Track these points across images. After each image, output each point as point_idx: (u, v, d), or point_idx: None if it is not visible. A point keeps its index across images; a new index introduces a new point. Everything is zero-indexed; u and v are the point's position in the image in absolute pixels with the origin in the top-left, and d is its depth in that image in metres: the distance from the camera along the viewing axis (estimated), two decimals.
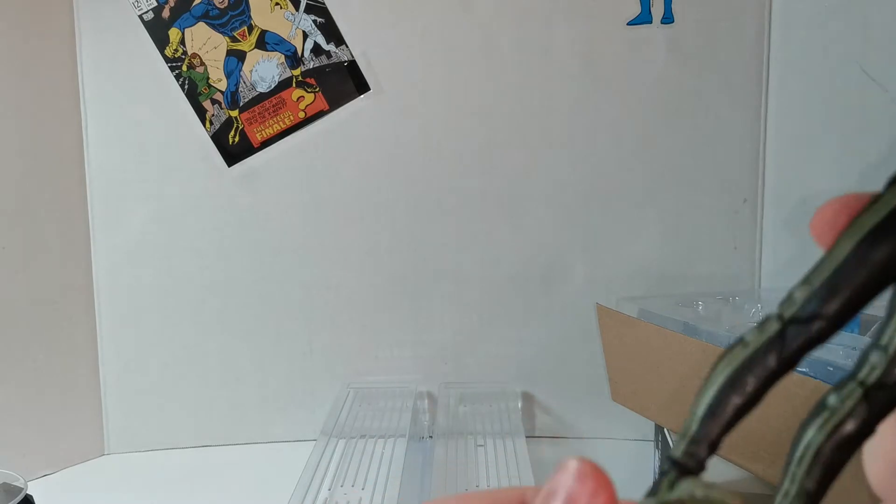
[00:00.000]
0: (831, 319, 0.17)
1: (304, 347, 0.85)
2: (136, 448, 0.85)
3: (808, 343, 0.17)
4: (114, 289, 0.83)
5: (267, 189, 0.83)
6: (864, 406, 0.16)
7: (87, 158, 0.81)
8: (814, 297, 0.17)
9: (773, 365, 0.17)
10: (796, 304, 0.17)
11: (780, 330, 0.17)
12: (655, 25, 0.79)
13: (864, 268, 0.16)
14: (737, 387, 0.17)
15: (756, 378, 0.17)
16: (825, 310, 0.17)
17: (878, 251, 0.16)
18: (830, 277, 0.17)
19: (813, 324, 0.17)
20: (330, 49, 0.80)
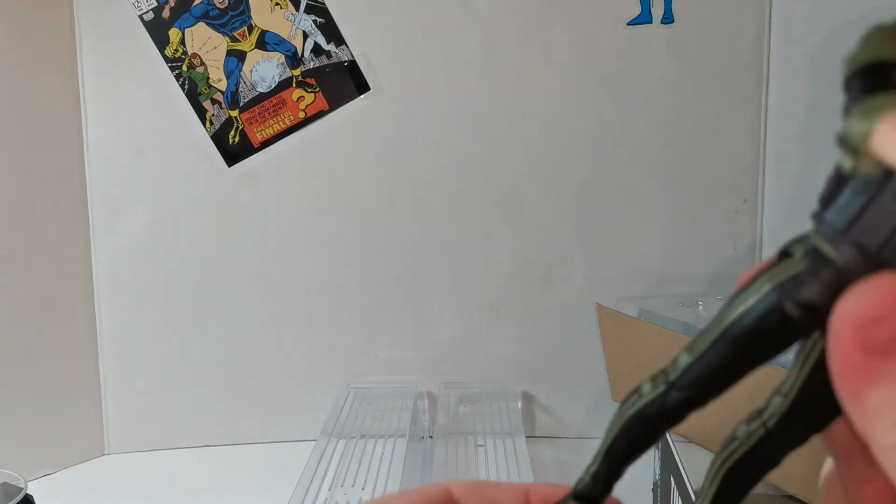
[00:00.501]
0: (706, 390, 0.18)
1: (304, 347, 0.85)
2: (136, 448, 0.85)
3: (687, 405, 0.18)
4: (114, 289, 0.83)
5: (267, 189, 0.83)
6: (768, 443, 0.18)
7: (87, 158, 0.81)
8: (692, 367, 0.18)
9: (655, 421, 0.19)
10: (679, 370, 0.19)
11: (664, 392, 0.19)
12: (655, 25, 0.79)
13: (731, 344, 0.18)
14: (628, 434, 0.19)
15: (643, 428, 0.19)
16: (701, 380, 0.18)
17: (742, 329, 0.18)
18: (707, 350, 0.18)
19: (690, 391, 0.18)
20: (330, 49, 0.80)
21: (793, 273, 0.18)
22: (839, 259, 0.17)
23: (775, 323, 0.18)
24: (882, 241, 0.16)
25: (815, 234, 0.18)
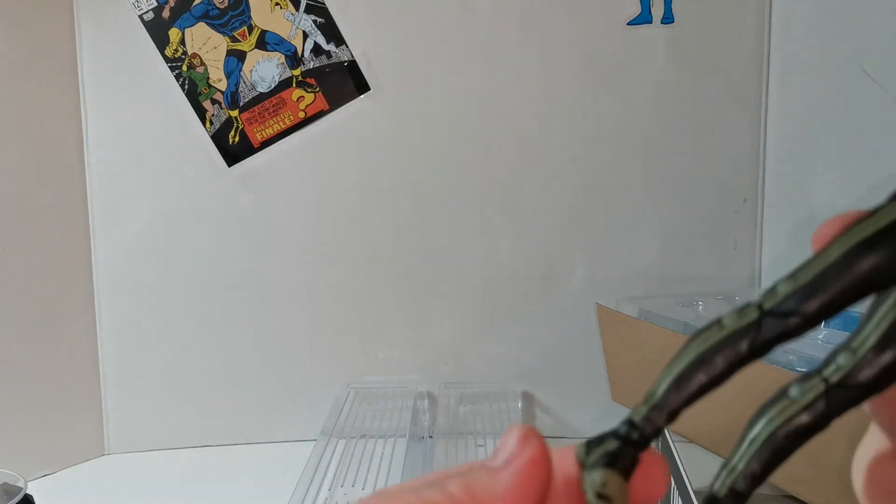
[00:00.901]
0: (808, 317, 0.17)
1: (304, 347, 0.85)
2: (136, 448, 0.85)
3: (781, 335, 0.17)
4: (114, 289, 0.83)
5: (267, 189, 0.83)
6: (823, 402, 0.17)
7: (87, 158, 0.81)
8: (795, 294, 0.18)
9: (744, 350, 0.17)
10: (778, 298, 0.18)
11: (758, 319, 0.17)
12: (655, 25, 0.79)
13: (850, 274, 0.17)
14: (705, 365, 0.18)
15: (725, 360, 0.17)
16: (804, 308, 0.17)
17: (866, 260, 0.17)
18: (816, 278, 0.17)
19: (790, 318, 0.17)
20: (330, 49, 0.80)
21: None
22: None
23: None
24: None
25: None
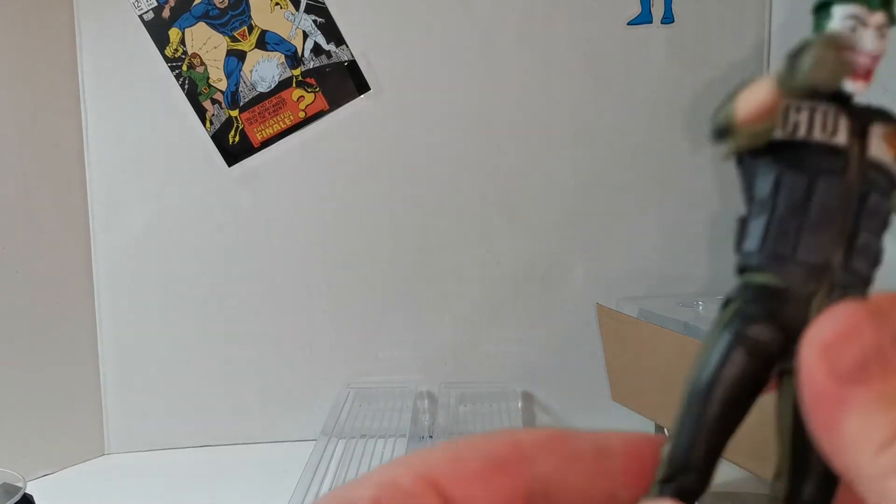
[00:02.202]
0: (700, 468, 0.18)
1: (304, 347, 0.85)
2: (136, 448, 0.85)
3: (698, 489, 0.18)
4: (114, 289, 0.83)
5: (267, 189, 0.83)
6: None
7: (87, 158, 0.81)
8: (678, 451, 0.18)
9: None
10: (664, 465, 0.18)
11: (659, 490, 0.18)
12: (655, 25, 0.79)
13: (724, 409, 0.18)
14: None
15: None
16: (695, 462, 0.18)
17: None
18: (689, 429, 0.18)
19: (691, 473, 0.18)
20: (330, 49, 0.80)
21: (736, 309, 0.18)
22: (772, 280, 0.18)
23: (744, 360, 0.18)
24: (791, 245, 0.18)
25: (743, 274, 0.19)
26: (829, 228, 0.18)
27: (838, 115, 0.19)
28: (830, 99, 0.19)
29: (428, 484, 0.18)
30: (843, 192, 0.18)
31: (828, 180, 0.18)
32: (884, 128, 0.19)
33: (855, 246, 0.18)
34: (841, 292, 0.18)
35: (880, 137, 0.19)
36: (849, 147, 0.19)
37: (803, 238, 0.18)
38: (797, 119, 0.19)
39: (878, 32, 0.19)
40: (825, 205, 0.18)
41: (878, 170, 0.19)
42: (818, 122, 0.19)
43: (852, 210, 0.18)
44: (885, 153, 0.19)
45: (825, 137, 0.19)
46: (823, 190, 0.18)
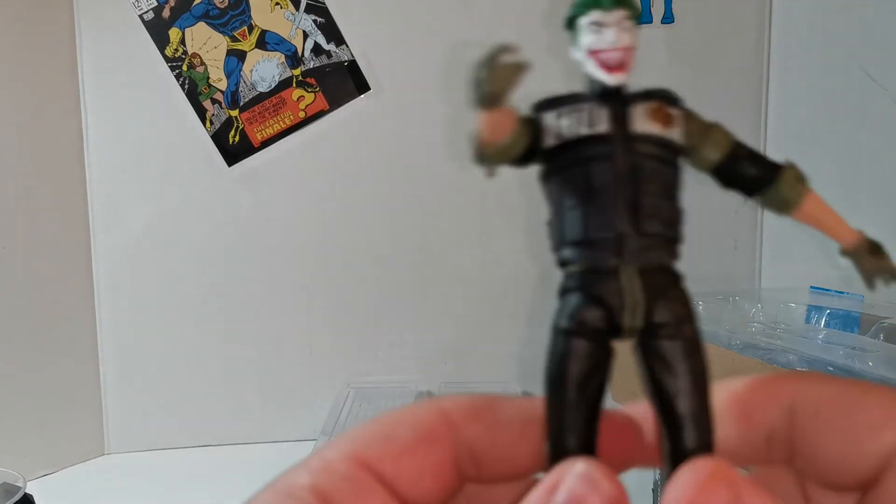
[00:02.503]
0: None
1: (304, 347, 0.85)
2: (136, 448, 0.85)
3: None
4: (114, 289, 0.83)
5: (267, 189, 0.83)
6: None
7: (87, 158, 0.81)
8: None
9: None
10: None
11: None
12: (655, 25, 0.79)
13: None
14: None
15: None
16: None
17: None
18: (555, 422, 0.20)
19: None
20: (330, 49, 0.80)
21: (561, 301, 0.21)
22: (580, 266, 0.21)
23: (579, 345, 0.20)
24: (583, 230, 0.20)
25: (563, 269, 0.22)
26: (611, 205, 0.20)
27: (598, 108, 0.21)
28: (602, 95, 0.21)
29: (360, 465, 0.19)
30: (616, 170, 0.20)
31: (599, 164, 0.21)
32: (646, 105, 0.21)
33: (641, 212, 0.20)
34: (647, 256, 0.20)
35: (643, 115, 0.21)
36: (611, 131, 0.21)
37: (591, 220, 0.20)
38: (563, 123, 0.21)
39: (619, 27, 0.21)
40: (602, 185, 0.20)
41: (647, 141, 0.21)
42: (582, 121, 0.21)
43: (630, 182, 0.20)
44: (651, 126, 0.21)
45: (589, 130, 0.21)
46: (597, 173, 0.20)
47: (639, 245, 0.20)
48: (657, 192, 0.21)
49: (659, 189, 0.21)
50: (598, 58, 0.22)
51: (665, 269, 0.21)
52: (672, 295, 0.21)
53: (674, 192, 0.22)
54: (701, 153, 0.23)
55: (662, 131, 0.21)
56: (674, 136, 0.22)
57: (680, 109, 0.22)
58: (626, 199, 0.20)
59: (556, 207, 0.22)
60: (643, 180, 0.21)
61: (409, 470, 0.19)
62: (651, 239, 0.20)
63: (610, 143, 0.21)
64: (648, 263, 0.20)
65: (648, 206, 0.21)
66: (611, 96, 0.21)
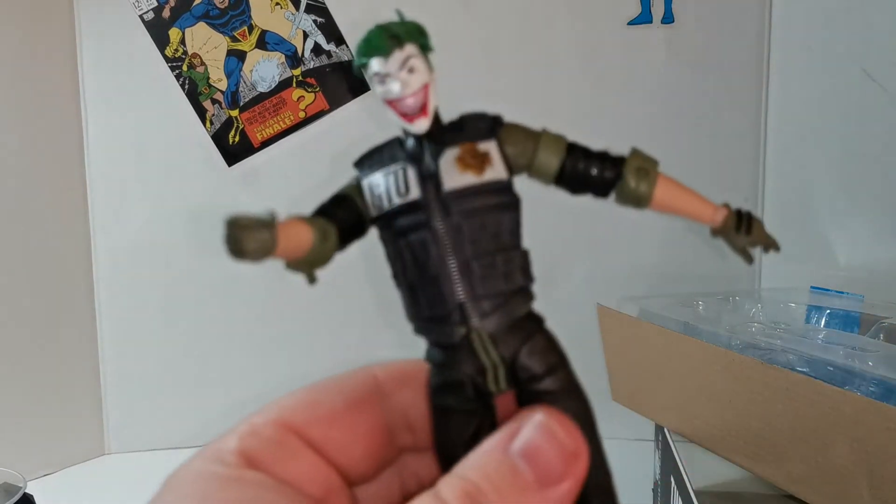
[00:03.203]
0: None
1: (304, 347, 0.85)
2: (136, 448, 0.85)
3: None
4: (114, 289, 0.83)
5: (267, 189, 0.82)
6: None
7: (87, 158, 0.81)
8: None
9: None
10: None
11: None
12: (655, 25, 0.79)
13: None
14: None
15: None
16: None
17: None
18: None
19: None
20: (330, 49, 0.80)
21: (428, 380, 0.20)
22: (432, 342, 0.20)
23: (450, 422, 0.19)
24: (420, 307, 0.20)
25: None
26: (441, 277, 0.19)
27: (407, 169, 0.20)
28: (415, 143, 0.20)
29: (287, 429, 0.19)
30: (436, 239, 0.19)
31: (419, 234, 0.19)
32: (455, 150, 0.20)
33: (474, 276, 0.19)
34: (495, 318, 0.19)
35: (452, 163, 0.19)
36: (423, 196, 0.19)
37: (428, 296, 0.19)
38: (379, 192, 0.20)
39: (405, 70, 0.20)
40: (427, 257, 0.19)
41: (464, 195, 0.19)
42: (392, 187, 0.20)
43: (455, 247, 0.19)
44: (462, 176, 0.19)
45: (402, 199, 0.20)
46: (420, 245, 0.19)
47: (482, 309, 0.19)
48: (487, 249, 0.19)
49: (488, 244, 0.19)
50: (394, 108, 0.21)
51: (519, 321, 0.20)
52: (533, 345, 0.20)
53: (506, 238, 0.20)
54: (538, 165, 0.21)
55: (478, 176, 0.20)
56: (493, 174, 0.20)
57: (496, 135, 0.21)
58: (455, 267, 0.19)
59: (395, 280, 0.21)
60: (469, 240, 0.19)
61: (338, 435, 0.19)
62: (493, 299, 0.19)
63: (426, 209, 0.19)
64: (499, 323, 0.19)
65: (480, 268, 0.19)
66: (422, 144, 0.20)
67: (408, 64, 0.20)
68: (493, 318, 0.19)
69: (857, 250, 0.73)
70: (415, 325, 0.21)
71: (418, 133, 0.20)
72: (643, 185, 0.21)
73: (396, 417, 0.20)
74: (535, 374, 0.19)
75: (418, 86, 0.20)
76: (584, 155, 0.22)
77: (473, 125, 0.21)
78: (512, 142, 0.21)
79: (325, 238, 0.21)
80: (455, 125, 0.21)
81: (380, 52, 0.21)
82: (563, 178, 0.21)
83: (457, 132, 0.21)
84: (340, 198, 0.23)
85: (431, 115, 0.20)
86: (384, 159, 0.21)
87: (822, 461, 0.47)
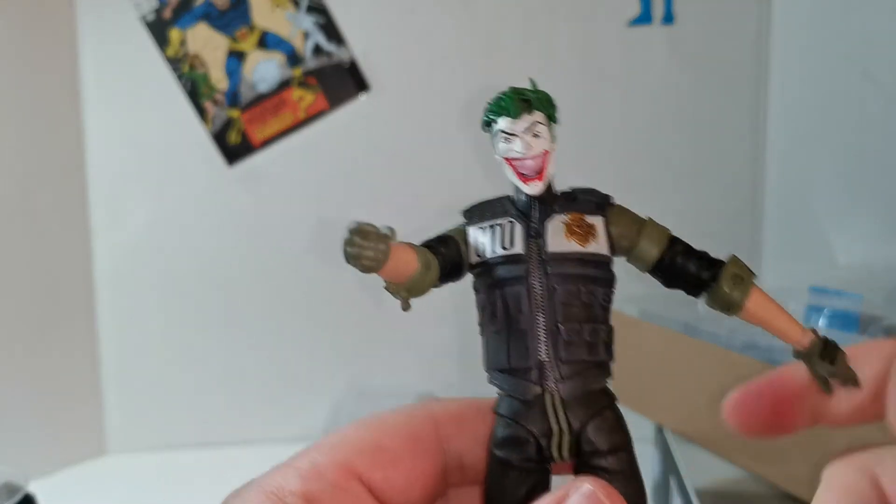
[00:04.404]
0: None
1: (304, 347, 0.85)
2: (136, 448, 0.85)
3: None
4: (114, 289, 0.83)
5: (267, 189, 0.83)
6: None
7: (87, 158, 0.81)
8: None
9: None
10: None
11: None
12: (656, 25, 0.79)
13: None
14: None
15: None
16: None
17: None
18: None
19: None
20: (330, 49, 0.80)
21: (492, 432, 0.21)
22: (507, 395, 0.21)
23: (510, 478, 0.20)
24: (504, 357, 0.21)
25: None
26: (529, 333, 0.20)
27: (514, 225, 0.21)
28: (525, 204, 0.21)
29: (351, 474, 0.19)
30: (531, 296, 0.20)
31: (515, 288, 0.20)
32: (564, 218, 0.21)
33: (560, 339, 0.20)
34: (570, 384, 0.19)
35: (560, 228, 0.20)
36: (526, 252, 0.20)
37: (511, 348, 0.20)
38: (483, 241, 0.21)
39: (530, 134, 0.21)
40: (519, 311, 0.20)
41: (564, 260, 0.20)
42: (497, 239, 0.21)
43: (547, 307, 0.20)
44: (567, 242, 0.20)
45: (505, 251, 0.21)
46: (514, 298, 0.20)
47: (560, 373, 0.20)
48: (577, 317, 0.20)
49: (579, 312, 0.20)
50: (513, 166, 0.22)
51: (592, 394, 0.20)
52: (602, 421, 0.20)
53: (597, 311, 0.20)
54: (638, 251, 0.22)
55: (582, 246, 0.21)
56: (596, 247, 0.21)
57: (604, 213, 0.22)
58: (543, 326, 0.20)
59: (481, 327, 0.22)
60: (561, 304, 0.20)
61: (398, 480, 0.20)
62: (573, 366, 0.20)
63: (524, 265, 0.20)
64: (573, 391, 0.20)
65: (567, 332, 0.20)
66: (532, 205, 0.21)
67: (534, 129, 0.22)
68: (569, 385, 0.19)
69: (857, 250, 0.73)
70: (491, 375, 0.21)
71: (531, 195, 0.21)
72: (737, 293, 0.21)
73: (452, 459, 0.20)
74: (599, 449, 0.19)
75: (539, 151, 0.21)
76: (685, 251, 0.22)
77: (584, 198, 0.22)
78: (618, 223, 0.22)
79: (427, 268, 0.22)
80: (567, 195, 0.22)
81: (510, 113, 0.22)
82: (660, 268, 0.22)
83: (568, 201, 0.22)
84: (446, 238, 0.24)
85: (546, 180, 0.21)
86: (494, 212, 0.22)
87: (822, 461, 0.47)
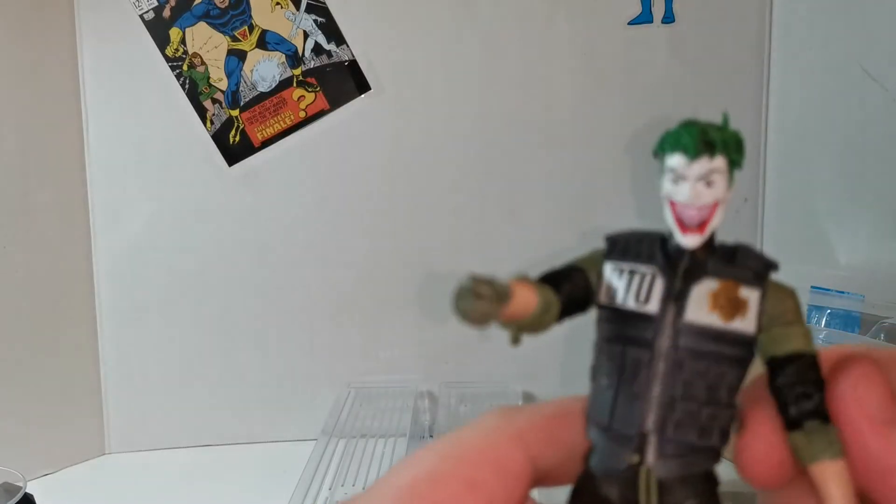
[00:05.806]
0: None
1: (304, 347, 0.85)
2: (136, 448, 0.85)
3: None
4: (114, 289, 0.83)
5: (267, 189, 0.83)
6: None
7: (88, 158, 0.81)
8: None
9: None
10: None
11: None
12: (656, 25, 0.79)
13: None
14: None
15: None
16: None
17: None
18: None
19: None
20: (331, 48, 0.80)
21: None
22: (598, 460, 0.19)
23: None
24: (608, 416, 0.19)
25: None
26: (641, 399, 0.18)
27: (655, 278, 0.18)
28: (674, 254, 0.19)
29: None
30: (654, 363, 0.18)
31: (640, 350, 0.18)
32: (714, 283, 0.18)
33: (672, 415, 0.18)
34: (671, 464, 0.18)
35: (705, 298, 0.18)
36: (659, 314, 0.18)
37: (618, 409, 0.18)
38: (617, 286, 0.19)
39: (703, 181, 0.18)
40: (636, 375, 0.18)
41: (700, 334, 0.18)
42: (633, 289, 0.19)
43: (668, 380, 0.18)
44: (708, 314, 0.18)
45: (637, 306, 0.18)
46: (635, 360, 0.18)
47: (663, 450, 0.18)
48: (697, 397, 0.18)
49: (700, 392, 0.18)
50: (675, 211, 0.19)
51: (692, 477, 0.18)
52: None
53: (723, 394, 0.18)
54: (775, 335, 0.19)
55: (724, 322, 0.18)
56: (740, 325, 0.18)
57: (763, 286, 0.19)
58: (659, 398, 0.18)
59: (592, 374, 0.19)
60: (683, 380, 0.18)
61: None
62: (678, 446, 0.18)
63: (654, 327, 0.18)
64: (671, 471, 0.18)
65: (682, 412, 0.18)
66: (683, 257, 0.19)
67: (709, 177, 0.18)
68: (669, 464, 0.18)
69: (858, 250, 0.73)
70: (590, 428, 0.19)
71: (685, 248, 0.18)
72: (815, 450, 0.18)
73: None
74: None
75: (709, 201, 0.18)
76: (810, 373, 0.18)
77: (745, 262, 0.19)
78: (776, 302, 0.19)
79: (546, 311, 0.20)
80: (727, 252, 0.19)
81: (687, 152, 0.19)
82: (776, 367, 0.18)
83: (724, 263, 0.18)
84: (576, 270, 0.21)
85: (707, 235, 0.18)
86: (639, 253, 0.20)
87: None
